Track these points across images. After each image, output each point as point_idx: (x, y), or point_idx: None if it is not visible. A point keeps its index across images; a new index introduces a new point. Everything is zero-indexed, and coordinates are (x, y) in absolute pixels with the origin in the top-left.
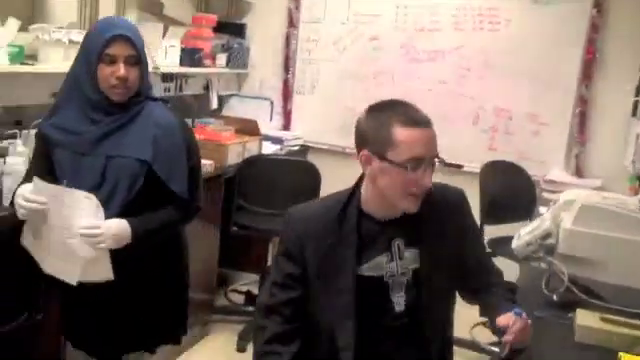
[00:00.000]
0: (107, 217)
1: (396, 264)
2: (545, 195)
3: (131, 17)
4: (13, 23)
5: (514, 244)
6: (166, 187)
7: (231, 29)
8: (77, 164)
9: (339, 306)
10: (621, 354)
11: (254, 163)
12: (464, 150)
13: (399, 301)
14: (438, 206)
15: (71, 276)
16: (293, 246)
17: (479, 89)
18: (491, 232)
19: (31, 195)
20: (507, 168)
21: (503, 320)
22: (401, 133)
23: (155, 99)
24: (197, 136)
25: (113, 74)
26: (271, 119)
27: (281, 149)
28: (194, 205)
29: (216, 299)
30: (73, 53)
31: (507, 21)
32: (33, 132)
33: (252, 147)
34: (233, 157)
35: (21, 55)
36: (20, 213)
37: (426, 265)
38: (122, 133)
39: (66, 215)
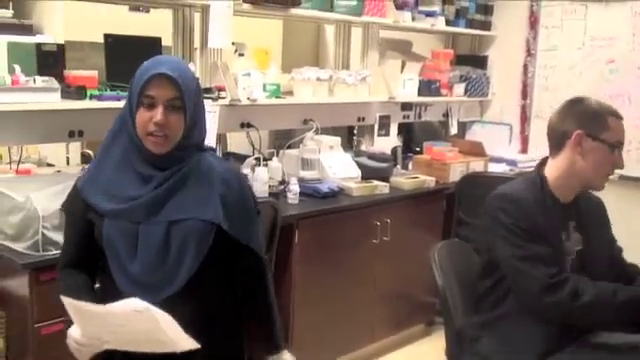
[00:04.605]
0: (171, 291)
1: (569, 243)
2: None
3: (373, 56)
4: (274, 68)
5: None
6: (238, 249)
7: (473, 61)
8: (131, 236)
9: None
10: None
11: (473, 180)
12: None
13: None
14: (591, 203)
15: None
16: (534, 226)
17: None
18: None
19: (82, 339)
20: None
21: None
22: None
23: (205, 149)
24: (424, 157)
25: (151, 119)
26: (510, 143)
27: (511, 170)
28: (266, 264)
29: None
30: (322, 89)
31: None
32: (288, 151)
33: (476, 167)
34: (455, 175)
35: (277, 91)
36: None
37: (588, 248)
38: (183, 192)
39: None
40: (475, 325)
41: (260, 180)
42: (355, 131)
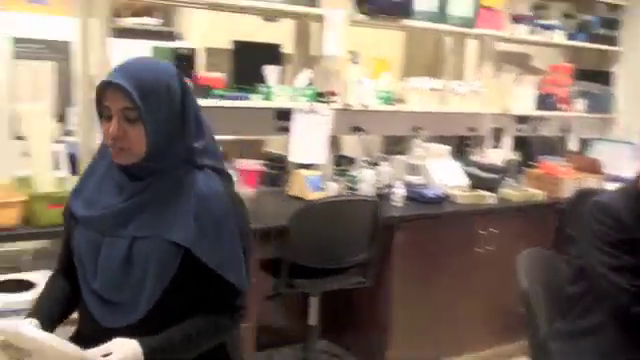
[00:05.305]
0: (132, 320)
1: None
2: None
3: (488, 68)
4: (387, 76)
5: None
6: (211, 278)
7: (595, 77)
8: (96, 247)
9: None
10: None
11: (586, 197)
12: None
13: None
14: None
15: None
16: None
17: None
18: None
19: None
20: None
21: None
22: None
23: (202, 166)
24: (537, 171)
25: (107, 131)
26: (634, 162)
27: None
28: (242, 305)
29: None
30: (433, 98)
31: None
32: (397, 156)
33: (591, 184)
34: (568, 191)
35: (389, 99)
36: None
37: None
38: (154, 207)
39: None
40: (562, 332)
41: (367, 181)
42: (467, 141)
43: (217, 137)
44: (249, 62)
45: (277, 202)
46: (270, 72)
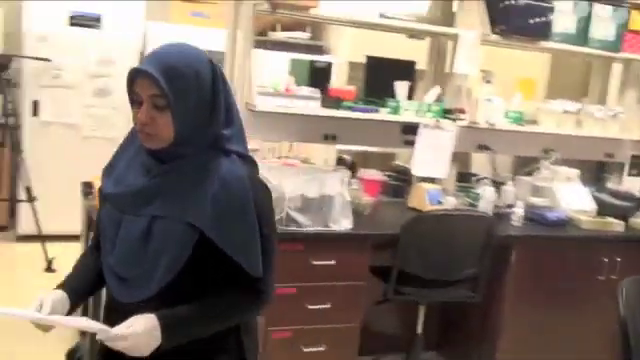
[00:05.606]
0: (145, 296)
1: None
2: None
3: (631, 93)
4: (518, 97)
5: None
6: (228, 262)
7: None
8: (116, 224)
9: None
10: None
11: None
12: None
13: None
14: None
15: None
16: None
17: None
18: None
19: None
20: None
21: None
22: None
23: (229, 152)
24: None
25: (136, 117)
26: None
27: None
28: (263, 290)
29: None
30: (568, 120)
31: None
32: (523, 177)
33: None
34: None
35: (519, 119)
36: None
37: None
38: (175, 189)
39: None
40: None
41: (487, 199)
42: (606, 167)
43: (346, 147)
44: (381, 77)
45: (395, 212)
46: (399, 87)
